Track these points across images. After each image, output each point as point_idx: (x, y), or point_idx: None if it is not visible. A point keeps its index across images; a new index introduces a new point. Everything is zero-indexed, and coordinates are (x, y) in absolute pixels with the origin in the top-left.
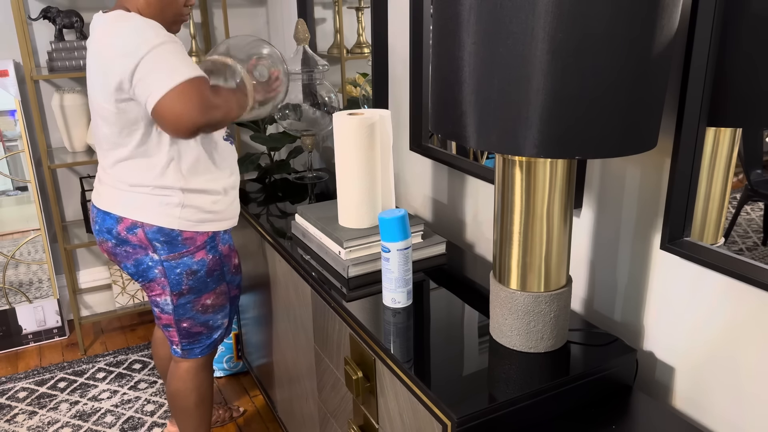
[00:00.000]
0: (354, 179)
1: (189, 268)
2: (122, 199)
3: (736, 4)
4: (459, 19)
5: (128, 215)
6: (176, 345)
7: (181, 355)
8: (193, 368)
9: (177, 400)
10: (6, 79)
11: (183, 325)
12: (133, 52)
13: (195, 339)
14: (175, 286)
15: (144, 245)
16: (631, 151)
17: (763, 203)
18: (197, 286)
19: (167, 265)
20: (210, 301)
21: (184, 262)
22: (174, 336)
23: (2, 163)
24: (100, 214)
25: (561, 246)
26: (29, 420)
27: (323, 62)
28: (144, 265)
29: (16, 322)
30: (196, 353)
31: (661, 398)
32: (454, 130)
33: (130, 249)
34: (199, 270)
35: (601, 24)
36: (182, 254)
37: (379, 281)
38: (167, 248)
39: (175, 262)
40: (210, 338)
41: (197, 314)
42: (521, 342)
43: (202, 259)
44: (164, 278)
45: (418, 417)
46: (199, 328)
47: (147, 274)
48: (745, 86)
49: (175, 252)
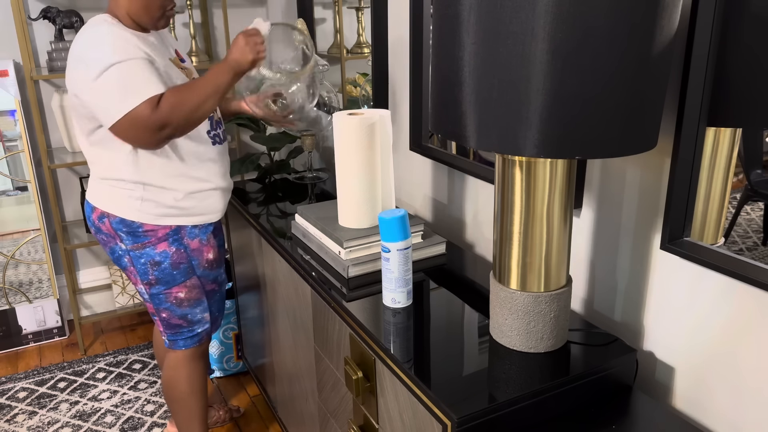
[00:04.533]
0: (354, 179)
1: (152, 259)
2: (95, 190)
3: (736, 4)
4: (459, 19)
5: (98, 205)
6: (163, 335)
7: (168, 345)
8: (182, 358)
9: (169, 390)
10: (6, 79)
11: (162, 315)
12: (87, 69)
13: (176, 331)
14: (143, 275)
15: (112, 234)
16: (631, 151)
17: (763, 203)
18: (164, 278)
19: (133, 254)
20: (183, 294)
21: (147, 253)
22: (159, 326)
23: (2, 163)
24: (87, 203)
25: (561, 246)
26: (29, 420)
27: (323, 62)
28: (116, 253)
29: (16, 322)
30: (180, 345)
31: (661, 398)
32: (454, 130)
33: (104, 237)
34: (162, 261)
35: (601, 24)
36: (144, 245)
37: (379, 281)
38: (131, 238)
39: (138, 252)
40: (192, 332)
41: (173, 306)
42: (521, 342)
43: (164, 251)
44: (132, 267)
45: (418, 417)
46: (177, 320)
47: (120, 262)
48: (745, 86)
49: (138, 242)
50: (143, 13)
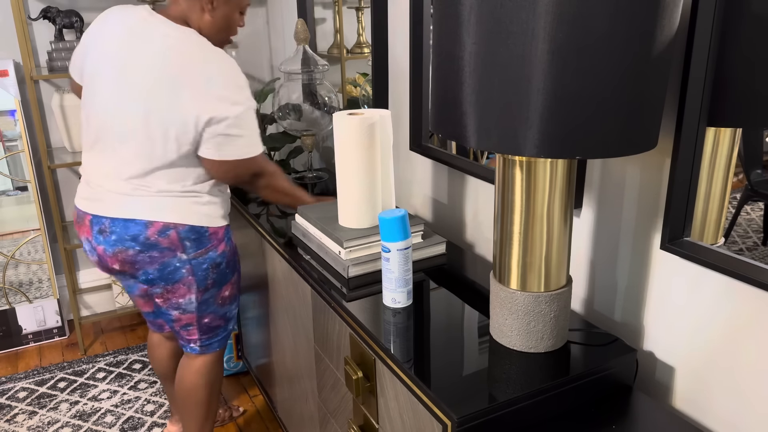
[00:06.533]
0: (354, 179)
1: (213, 262)
2: (150, 204)
3: (736, 4)
4: (459, 19)
5: (160, 218)
6: (194, 343)
7: (199, 352)
8: (210, 362)
9: (191, 396)
10: (6, 79)
11: (205, 320)
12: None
13: (214, 333)
14: (202, 282)
15: (174, 246)
16: (631, 151)
17: (763, 203)
18: (219, 279)
19: (194, 262)
20: (228, 292)
21: (210, 257)
22: (194, 334)
23: (2, 163)
24: (119, 222)
25: (561, 246)
26: (29, 420)
27: (323, 62)
28: (171, 267)
29: (16, 322)
30: (215, 347)
31: (661, 398)
32: (454, 130)
33: (156, 253)
34: (222, 262)
35: (601, 24)
36: (208, 249)
37: (379, 281)
38: (195, 246)
39: (202, 258)
40: (226, 330)
41: (217, 308)
42: (521, 342)
43: (223, 251)
44: (191, 276)
45: (418, 417)
46: (218, 321)
47: (174, 276)
48: (745, 86)
49: (201, 248)
50: (215, 35)
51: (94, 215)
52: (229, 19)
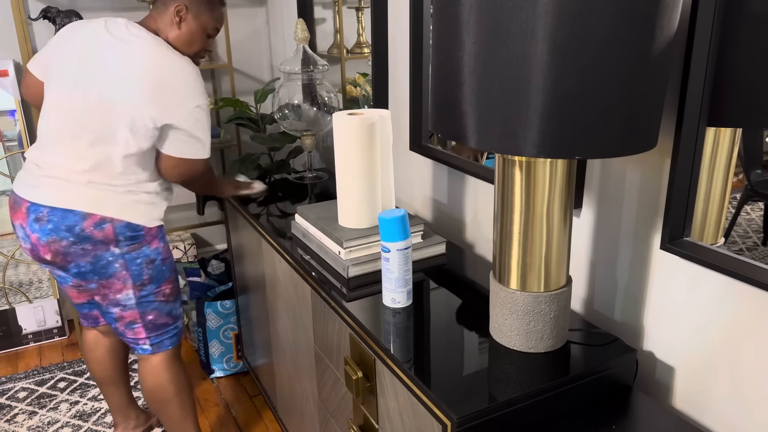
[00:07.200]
0: (354, 179)
1: (147, 257)
2: (91, 196)
3: (736, 4)
4: (459, 19)
5: (98, 211)
6: (143, 341)
7: (151, 351)
8: (165, 360)
9: (155, 395)
10: (6, 79)
11: (149, 317)
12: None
13: (162, 330)
14: (137, 277)
15: (108, 240)
16: (631, 151)
17: (763, 203)
18: (156, 275)
19: (128, 257)
20: (168, 290)
21: (143, 252)
22: (141, 333)
23: (2, 163)
24: (57, 212)
25: (561, 246)
26: (29, 420)
27: (323, 62)
28: (104, 260)
29: (16, 322)
30: (167, 345)
31: (661, 398)
32: (454, 130)
33: (89, 246)
34: (156, 258)
35: (601, 24)
36: (141, 244)
37: (379, 281)
38: (129, 242)
39: (135, 253)
40: (176, 327)
41: (161, 305)
42: (521, 342)
43: (156, 247)
44: (125, 271)
45: (418, 417)
46: (164, 318)
47: (106, 270)
48: (745, 86)
49: (134, 243)
50: (185, 48)
51: (32, 203)
52: (194, 36)
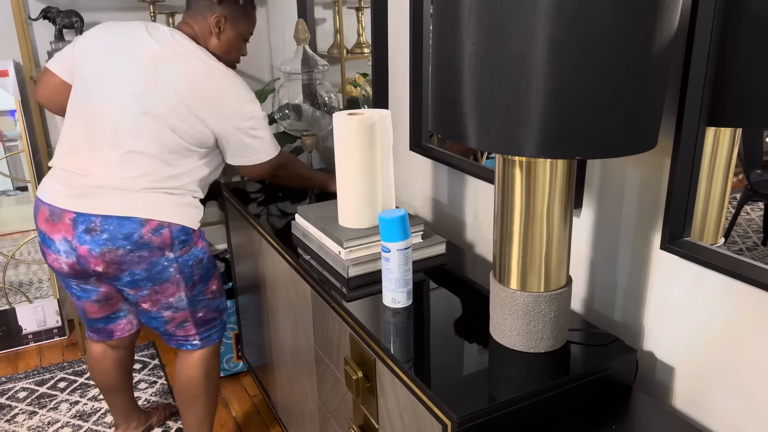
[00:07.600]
0: (354, 179)
1: (197, 258)
2: (147, 202)
3: (736, 4)
4: (459, 19)
5: (156, 216)
6: (193, 338)
7: (200, 346)
8: (208, 354)
9: (188, 389)
10: (6, 79)
11: (199, 315)
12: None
13: (211, 325)
14: (189, 279)
15: (165, 245)
16: (631, 151)
17: (763, 203)
18: (204, 274)
19: (181, 260)
20: (215, 285)
21: (193, 253)
22: (191, 330)
23: (2, 163)
24: (112, 220)
25: (561, 246)
26: (29, 420)
27: (323, 62)
28: (159, 266)
29: (16, 322)
30: (215, 339)
31: (661, 398)
32: (454, 130)
33: (146, 253)
34: (203, 257)
35: (601, 24)
36: (191, 246)
37: (379, 281)
38: (181, 245)
39: (186, 255)
40: (223, 321)
41: (209, 301)
42: (521, 342)
43: (202, 247)
44: (179, 274)
45: (418, 417)
46: (213, 313)
47: (161, 275)
48: (745, 86)
49: (186, 246)
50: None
51: (79, 213)
52: (232, 44)
